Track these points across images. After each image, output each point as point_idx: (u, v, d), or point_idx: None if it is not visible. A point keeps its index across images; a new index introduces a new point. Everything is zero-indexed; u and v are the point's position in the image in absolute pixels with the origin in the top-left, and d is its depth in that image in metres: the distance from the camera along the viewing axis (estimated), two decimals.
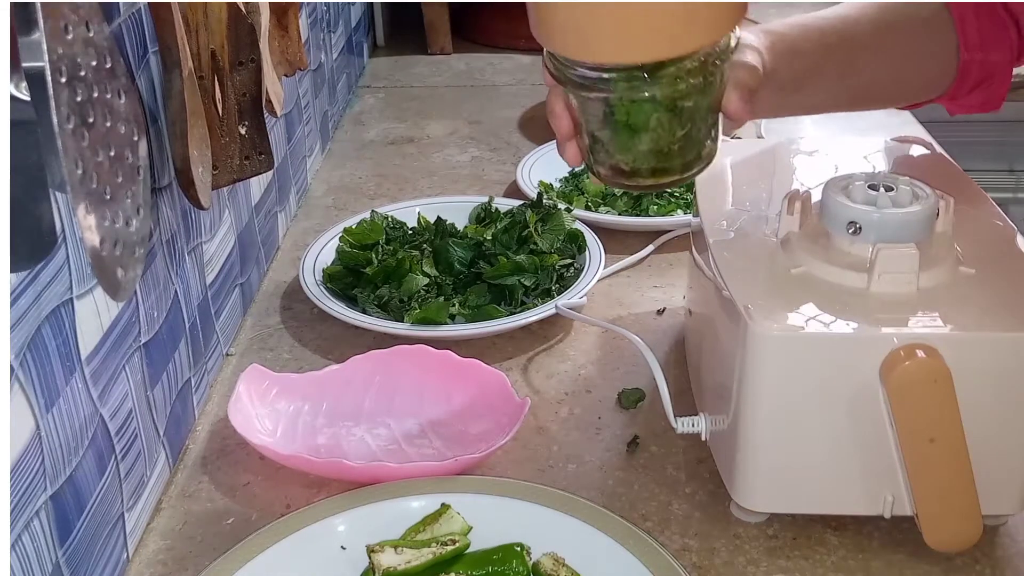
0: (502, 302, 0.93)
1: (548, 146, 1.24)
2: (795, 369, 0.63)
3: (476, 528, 0.66)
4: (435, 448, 0.78)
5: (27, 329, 0.54)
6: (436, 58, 1.71)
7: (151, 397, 0.72)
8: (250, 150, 0.80)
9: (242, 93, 0.78)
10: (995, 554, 0.67)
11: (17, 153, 0.47)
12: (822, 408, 0.63)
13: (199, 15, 0.72)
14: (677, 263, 1.04)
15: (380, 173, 1.29)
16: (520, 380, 0.87)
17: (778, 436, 0.65)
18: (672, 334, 0.92)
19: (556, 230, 1.00)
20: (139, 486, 0.70)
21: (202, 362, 0.84)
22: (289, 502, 0.74)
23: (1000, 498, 0.65)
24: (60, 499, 0.58)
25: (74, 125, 0.49)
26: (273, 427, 0.79)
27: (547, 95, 0.64)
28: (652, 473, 0.76)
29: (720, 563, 0.67)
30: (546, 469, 0.77)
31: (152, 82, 0.72)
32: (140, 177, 0.58)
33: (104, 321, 0.64)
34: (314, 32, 1.26)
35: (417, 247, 0.99)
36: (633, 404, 0.83)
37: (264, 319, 0.97)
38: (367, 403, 0.81)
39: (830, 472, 0.65)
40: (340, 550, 0.66)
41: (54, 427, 0.57)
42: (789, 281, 0.66)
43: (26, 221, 0.50)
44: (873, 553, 0.68)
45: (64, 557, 0.58)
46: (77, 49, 0.49)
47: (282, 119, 1.10)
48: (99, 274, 0.53)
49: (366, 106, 1.52)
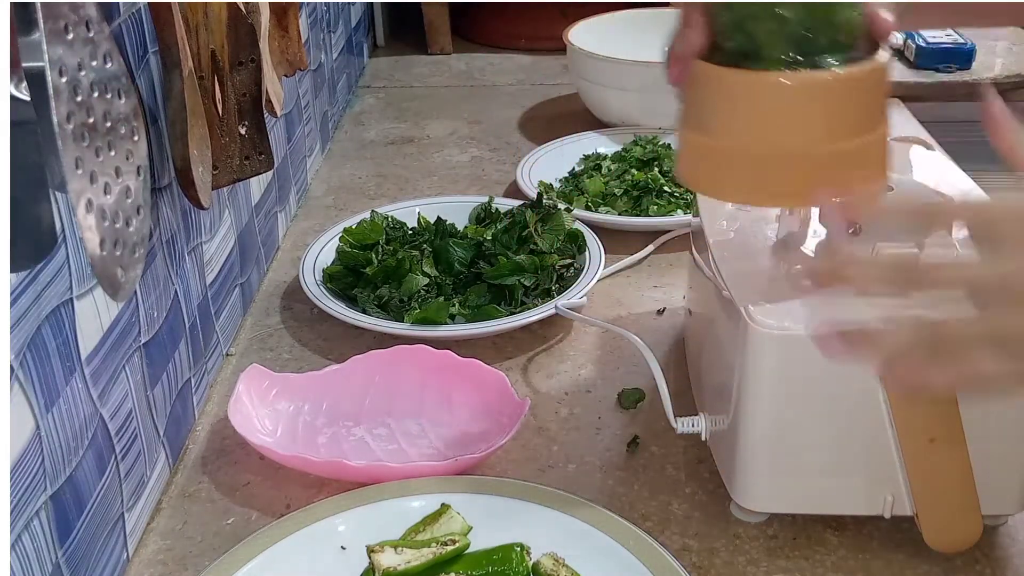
0: (502, 302, 0.93)
1: (548, 146, 1.24)
2: (794, 369, 0.63)
3: (476, 528, 0.66)
4: (435, 448, 0.78)
5: (27, 329, 0.54)
6: (436, 58, 1.71)
7: (151, 397, 0.72)
8: (250, 150, 0.80)
9: (242, 93, 0.78)
10: (995, 554, 0.67)
11: (17, 153, 0.47)
12: (822, 408, 0.63)
13: (199, 15, 0.72)
14: (677, 263, 1.04)
15: (380, 173, 1.29)
16: (520, 380, 0.87)
17: (778, 436, 0.65)
18: (672, 334, 0.92)
19: (556, 230, 1.00)
20: (139, 486, 0.70)
21: (202, 362, 0.84)
22: (289, 502, 0.74)
23: (1000, 498, 0.65)
24: (60, 499, 0.58)
25: (74, 125, 0.49)
26: (273, 427, 0.79)
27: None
28: (652, 473, 0.76)
29: (720, 563, 0.67)
30: (546, 469, 0.77)
31: (152, 82, 0.72)
32: (140, 177, 0.58)
33: (104, 321, 0.64)
34: (314, 32, 1.26)
35: (417, 247, 0.99)
36: (633, 404, 0.83)
37: (264, 319, 0.97)
38: (367, 403, 0.81)
39: (830, 472, 0.65)
40: (340, 550, 0.66)
41: (54, 427, 0.57)
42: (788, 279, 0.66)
43: (26, 221, 0.50)
44: (873, 553, 0.68)
45: (64, 557, 0.58)
46: (77, 49, 0.50)
47: (282, 119, 1.10)
48: (99, 274, 0.53)
49: (366, 106, 1.52)
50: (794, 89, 0.58)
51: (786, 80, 0.57)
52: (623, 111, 1.30)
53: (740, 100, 0.59)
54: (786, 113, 0.59)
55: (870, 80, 0.59)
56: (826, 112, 0.58)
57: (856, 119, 0.59)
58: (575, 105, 1.43)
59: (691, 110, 0.63)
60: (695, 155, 0.63)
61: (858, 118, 0.59)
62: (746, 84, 0.59)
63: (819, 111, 0.58)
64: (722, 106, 0.60)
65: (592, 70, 1.31)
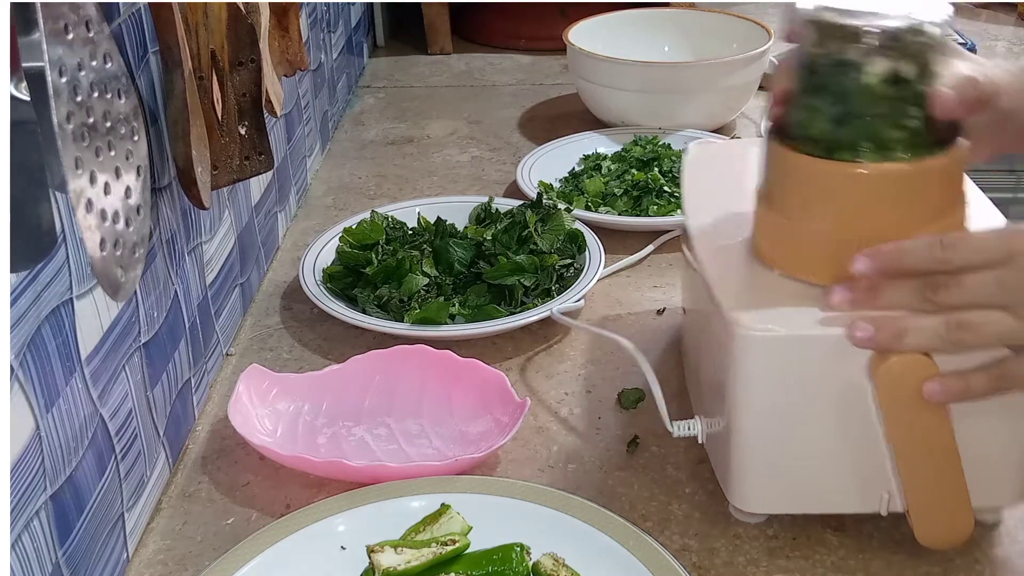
0: (502, 302, 0.93)
1: (548, 146, 1.24)
2: (782, 370, 0.63)
3: (476, 528, 0.66)
4: (435, 448, 0.78)
5: (27, 329, 0.54)
6: (436, 58, 1.71)
7: (151, 397, 0.72)
8: (250, 150, 0.80)
9: (242, 93, 0.78)
10: (995, 554, 0.67)
11: (17, 153, 0.47)
12: (812, 408, 0.63)
13: (199, 15, 0.72)
14: (677, 263, 1.04)
15: (380, 173, 1.29)
16: (520, 380, 0.87)
17: (770, 437, 0.65)
18: (672, 334, 0.92)
19: (556, 230, 1.00)
20: (139, 486, 0.70)
21: (202, 362, 0.84)
22: (289, 502, 0.74)
23: (994, 490, 0.65)
24: (60, 499, 0.58)
25: (74, 125, 0.49)
26: (273, 427, 0.79)
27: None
28: (652, 473, 0.76)
29: (720, 563, 0.67)
30: (546, 469, 0.77)
31: (152, 82, 0.72)
32: (140, 177, 0.58)
33: (104, 321, 0.64)
34: (314, 32, 1.26)
35: (417, 247, 0.99)
36: (633, 404, 0.83)
37: (264, 319, 0.97)
38: (367, 403, 0.81)
39: (824, 471, 0.65)
40: (340, 550, 0.66)
41: (54, 427, 0.57)
42: (775, 282, 0.66)
43: (26, 221, 0.50)
44: (873, 553, 0.68)
45: (64, 557, 0.58)
46: (77, 49, 0.50)
47: (282, 119, 1.10)
48: (99, 274, 0.53)
49: (366, 106, 1.52)
50: (874, 179, 0.62)
51: (865, 171, 0.62)
52: (623, 111, 1.30)
53: (821, 188, 0.63)
54: (866, 201, 0.63)
55: (947, 169, 0.63)
56: (905, 200, 0.62)
57: (935, 206, 0.63)
58: (575, 105, 1.43)
59: (771, 188, 0.67)
60: (773, 233, 0.67)
61: (936, 204, 0.63)
62: (827, 174, 0.63)
63: (899, 199, 0.62)
64: (802, 191, 0.64)
65: (592, 70, 1.30)
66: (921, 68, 0.61)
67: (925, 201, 0.63)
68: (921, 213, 0.62)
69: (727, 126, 1.34)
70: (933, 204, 0.63)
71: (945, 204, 0.64)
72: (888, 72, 0.61)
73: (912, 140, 0.62)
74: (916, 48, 0.61)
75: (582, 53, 1.31)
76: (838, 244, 0.62)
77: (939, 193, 0.63)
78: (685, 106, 1.27)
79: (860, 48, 0.61)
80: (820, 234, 0.64)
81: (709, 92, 1.27)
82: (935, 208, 0.63)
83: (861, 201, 0.62)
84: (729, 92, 1.29)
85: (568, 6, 1.59)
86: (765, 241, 0.68)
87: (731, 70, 1.26)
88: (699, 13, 1.47)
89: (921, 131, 0.62)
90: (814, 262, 0.64)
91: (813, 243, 0.64)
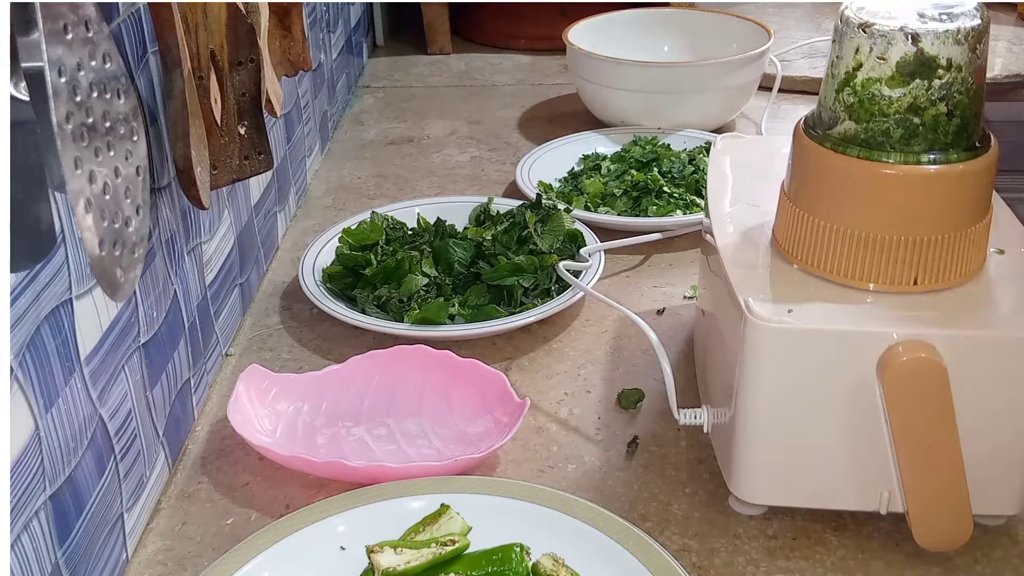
0: (501, 302, 0.93)
1: (548, 146, 1.24)
2: (793, 363, 0.63)
3: (476, 528, 0.66)
4: (435, 448, 0.78)
5: (26, 329, 0.54)
6: (436, 58, 1.71)
7: (150, 397, 0.72)
8: (249, 150, 0.80)
9: (241, 93, 0.78)
10: (995, 554, 0.67)
11: (17, 153, 0.47)
12: (820, 402, 0.64)
13: (198, 15, 0.72)
14: (677, 263, 1.04)
15: (380, 173, 1.29)
16: (520, 380, 0.87)
17: (776, 428, 0.65)
18: (672, 334, 0.92)
19: (556, 230, 1.00)
20: (138, 486, 0.70)
21: (201, 362, 0.84)
22: (289, 502, 0.74)
23: (996, 499, 0.65)
24: (59, 499, 0.58)
25: (73, 125, 0.49)
26: (272, 427, 0.79)
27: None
28: (652, 473, 0.76)
29: (720, 563, 0.67)
30: (546, 469, 0.77)
31: (152, 82, 0.72)
32: (140, 177, 0.58)
33: (103, 321, 0.64)
34: (314, 32, 1.26)
35: (417, 248, 0.99)
36: (633, 404, 0.83)
37: (264, 319, 0.97)
38: (367, 403, 0.81)
39: (827, 467, 0.66)
40: (340, 550, 0.66)
41: (53, 427, 0.57)
42: (791, 276, 0.67)
43: (26, 221, 0.50)
44: (873, 553, 0.68)
45: (63, 557, 0.58)
46: (76, 49, 0.49)
47: (281, 119, 1.10)
48: (98, 274, 0.53)
49: (366, 106, 1.52)
50: (904, 180, 0.62)
51: (895, 171, 0.62)
52: (623, 111, 1.30)
53: (849, 186, 0.64)
54: (894, 202, 0.63)
55: (977, 174, 0.63)
56: (934, 203, 0.62)
57: (962, 209, 0.63)
58: (575, 105, 1.43)
59: (797, 183, 0.67)
60: (797, 228, 0.67)
61: (964, 208, 0.63)
62: (857, 172, 0.63)
63: (927, 202, 0.62)
64: (830, 188, 0.65)
65: (592, 70, 1.30)
66: (958, 70, 0.61)
67: (953, 204, 0.63)
68: (948, 216, 0.63)
69: (727, 126, 1.34)
70: (960, 208, 0.63)
71: (972, 208, 0.64)
72: (924, 73, 0.61)
73: (944, 143, 0.62)
74: (954, 50, 0.61)
75: (582, 53, 1.31)
76: (861, 242, 0.63)
77: (968, 197, 0.63)
78: (685, 106, 1.27)
79: (896, 48, 0.61)
80: (844, 232, 0.64)
81: (709, 92, 1.27)
82: (962, 212, 0.63)
83: (889, 201, 0.63)
84: (729, 92, 1.29)
85: (568, 6, 1.59)
86: (787, 235, 0.68)
87: (731, 70, 1.26)
88: (699, 13, 1.47)
89: (953, 134, 0.62)
90: (836, 259, 0.65)
91: (836, 240, 0.64)
